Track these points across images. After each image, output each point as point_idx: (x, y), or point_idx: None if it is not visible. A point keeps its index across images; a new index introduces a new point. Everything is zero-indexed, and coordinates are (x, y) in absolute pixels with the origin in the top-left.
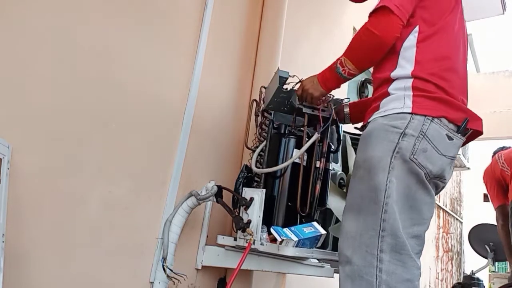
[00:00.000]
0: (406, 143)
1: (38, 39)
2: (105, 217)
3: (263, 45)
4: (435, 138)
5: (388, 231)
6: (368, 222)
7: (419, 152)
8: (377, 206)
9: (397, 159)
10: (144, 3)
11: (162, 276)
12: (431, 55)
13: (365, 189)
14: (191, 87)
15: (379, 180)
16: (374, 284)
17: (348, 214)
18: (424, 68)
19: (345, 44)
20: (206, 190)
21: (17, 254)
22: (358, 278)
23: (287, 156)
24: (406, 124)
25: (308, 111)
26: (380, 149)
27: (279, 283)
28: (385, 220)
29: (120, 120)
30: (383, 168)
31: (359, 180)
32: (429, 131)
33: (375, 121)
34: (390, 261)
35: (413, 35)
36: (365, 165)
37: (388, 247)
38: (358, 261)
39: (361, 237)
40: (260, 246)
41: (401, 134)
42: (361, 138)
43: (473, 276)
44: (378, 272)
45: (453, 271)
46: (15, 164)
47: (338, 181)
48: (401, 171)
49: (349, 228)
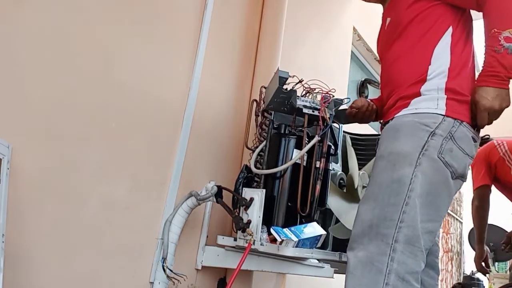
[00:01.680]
0: (435, 142)
1: (38, 39)
2: (105, 217)
3: (263, 45)
4: (461, 139)
5: (406, 223)
6: (387, 212)
7: (446, 151)
8: (399, 198)
9: (425, 156)
10: (144, 3)
11: (162, 276)
12: (463, 59)
13: (387, 181)
14: (191, 87)
15: (405, 173)
16: (384, 272)
17: (366, 203)
18: (457, 73)
19: (344, 44)
20: (206, 190)
21: (17, 254)
22: (369, 264)
23: (287, 156)
24: (437, 125)
25: (309, 112)
26: (408, 144)
27: (279, 283)
28: (405, 212)
29: (120, 120)
30: (409, 162)
31: (381, 171)
32: (456, 133)
33: (405, 117)
34: (403, 251)
35: (448, 36)
36: (390, 158)
37: (403, 238)
38: (372, 249)
39: (378, 227)
40: (260, 246)
41: (431, 133)
42: (386, 131)
43: (473, 276)
44: (390, 260)
45: (453, 271)
46: (15, 164)
47: (338, 181)
48: (427, 167)
49: (365, 216)
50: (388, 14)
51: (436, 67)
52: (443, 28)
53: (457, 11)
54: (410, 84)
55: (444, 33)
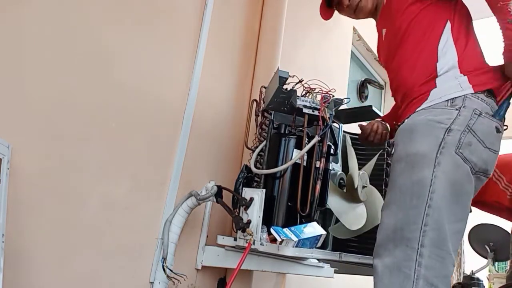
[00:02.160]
0: (452, 138)
1: (38, 39)
2: (105, 217)
3: (263, 45)
4: (482, 132)
5: (431, 226)
6: (410, 216)
7: (464, 146)
8: (421, 201)
9: (442, 154)
10: (144, 3)
11: (162, 276)
12: (469, 52)
13: (407, 184)
14: (191, 87)
15: (424, 175)
16: (412, 278)
17: (388, 208)
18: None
19: (344, 44)
20: (206, 190)
21: (17, 254)
22: (396, 270)
23: (287, 156)
24: (452, 120)
25: (309, 111)
26: (425, 144)
27: (279, 283)
28: (428, 214)
29: (120, 120)
30: (428, 164)
31: (399, 174)
32: (475, 125)
33: (419, 114)
34: (430, 256)
35: (448, 32)
36: (408, 160)
37: (429, 242)
38: (399, 254)
39: (402, 231)
40: (260, 246)
41: (446, 129)
42: (400, 132)
43: (473, 276)
44: (417, 266)
45: (453, 271)
46: (15, 164)
47: (338, 181)
48: (447, 166)
49: (389, 221)
50: (383, 25)
51: (444, 63)
52: (441, 25)
53: (449, 6)
54: (421, 83)
55: (444, 29)
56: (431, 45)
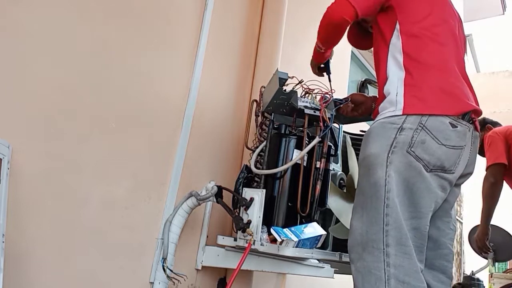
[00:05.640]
0: (404, 136)
1: (38, 39)
2: (105, 217)
3: (263, 45)
4: (436, 128)
5: (392, 225)
6: (372, 218)
7: (417, 144)
8: (379, 201)
9: (394, 153)
10: (144, 3)
11: (162, 276)
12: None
13: (366, 186)
14: (191, 87)
15: (379, 175)
16: (383, 279)
17: (355, 212)
18: (416, 79)
19: (344, 44)
20: (206, 190)
21: (17, 254)
22: (367, 274)
23: (287, 156)
24: (404, 119)
25: (310, 112)
26: (377, 146)
27: (279, 284)
28: (388, 214)
29: (120, 120)
30: (380, 164)
31: (361, 178)
32: (428, 122)
33: (377, 118)
34: (396, 254)
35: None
36: (364, 163)
37: (393, 241)
38: (367, 257)
39: (367, 233)
40: (260, 246)
41: (398, 129)
42: (364, 136)
43: (473, 276)
44: (386, 266)
45: (453, 272)
46: (15, 164)
47: (338, 181)
48: (399, 164)
49: (356, 225)
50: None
51: (390, 85)
52: (386, 42)
53: (386, 22)
54: (381, 88)
55: (389, 46)
56: (382, 65)
